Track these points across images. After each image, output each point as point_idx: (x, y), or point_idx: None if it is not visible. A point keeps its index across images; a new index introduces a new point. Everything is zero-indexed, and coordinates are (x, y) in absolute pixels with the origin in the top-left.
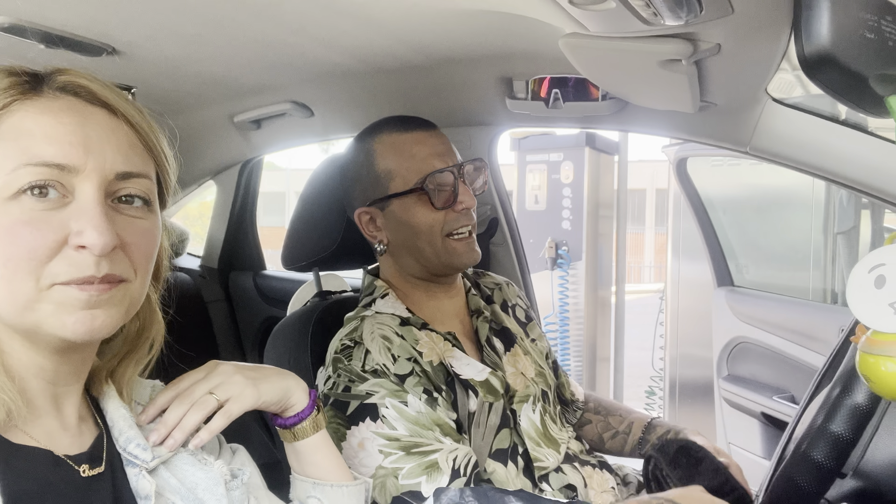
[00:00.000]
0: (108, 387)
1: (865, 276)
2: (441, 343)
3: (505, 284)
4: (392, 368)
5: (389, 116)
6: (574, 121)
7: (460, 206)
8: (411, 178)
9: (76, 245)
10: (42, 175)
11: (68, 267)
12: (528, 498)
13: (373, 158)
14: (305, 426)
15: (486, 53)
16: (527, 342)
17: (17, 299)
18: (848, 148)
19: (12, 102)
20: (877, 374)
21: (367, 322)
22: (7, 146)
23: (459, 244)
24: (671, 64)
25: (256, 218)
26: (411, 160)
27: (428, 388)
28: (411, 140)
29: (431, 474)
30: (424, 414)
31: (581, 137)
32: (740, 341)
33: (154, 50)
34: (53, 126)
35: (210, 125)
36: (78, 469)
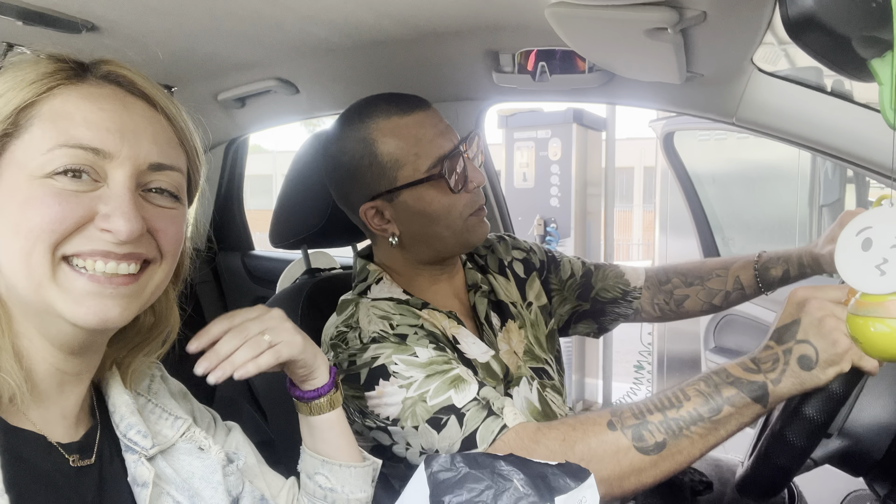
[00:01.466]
0: (113, 373)
1: (853, 239)
2: (445, 320)
3: (496, 242)
4: (391, 331)
5: (376, 97)
6: (561, 94)
7: (472, 185)
8: (422, 165)
9: (101, 227)
10: (77, 158)
11: (84, 241)
12: (518, 462)
13: (373, 148)
14: (322, 402)
15: (472, 26)
16: (522, 309)
17: (33, 273)
18: (833, 118)
19: (56, 86)
20: (865, 334)
21: (363, 306)
22: (46, 127)
23: (478, 221)
24: (657, 33)
25: (243, 198)
26: (418, 145)
27: (433, 340)
28: (413, 123)
29: (458, 385)
30: (436, 356)
31: (568, 114)
32: (727, 314)
33: (134, 27)
34: (93, 111)
35: (193, 104)
36: (68, 458)
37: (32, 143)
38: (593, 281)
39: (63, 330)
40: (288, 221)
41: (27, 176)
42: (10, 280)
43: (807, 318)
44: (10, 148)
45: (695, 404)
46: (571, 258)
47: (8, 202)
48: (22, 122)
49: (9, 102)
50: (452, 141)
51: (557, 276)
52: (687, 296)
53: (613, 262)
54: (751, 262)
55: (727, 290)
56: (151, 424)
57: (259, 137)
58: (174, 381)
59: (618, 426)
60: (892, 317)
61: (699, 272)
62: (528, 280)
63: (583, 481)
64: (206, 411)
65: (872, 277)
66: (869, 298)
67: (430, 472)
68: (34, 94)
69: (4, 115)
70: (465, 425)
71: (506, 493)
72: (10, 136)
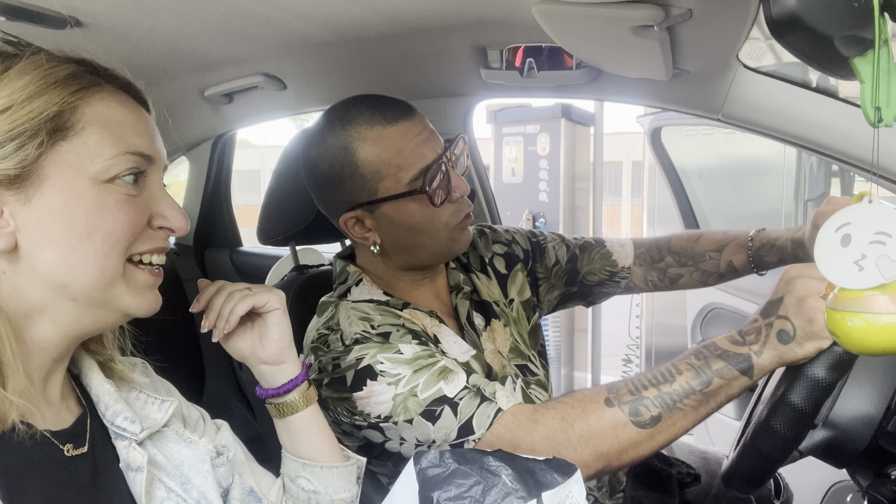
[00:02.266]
0: (90, 363)
1: (832, 235)
2: (426, 319)
3: (478, 238)
4: (373, 331)
5: (358, 100)
6: (549, 90)
7: (456, 195)
8: (403, 178)
9: (158, 226)
10: (137, 164)
11: (149, 242)
12: (506, 457)
13: (354, 157)
14: (296, 399)
15: (459, 22)
16: (505, 307)
17: (108, 273)
18: (818, 114)
19: (87, 89)
20: (843, 329)
21: (343, 308)
22: (101, 132)
23: (462, 231)
24: (643, 30)
25: (231, 194)
26: (400, 157)
27: (416, 337)
28: (396, 133)
29: (447, 376)
30: (420, 352)
31: (557, 109)
32: (713, 307)
33: (119, 22)
34: (134, 120)
35: (180, 100)
36: (62, 448)
37: (88, 147)
38: (579, 266)
39: (101, 320)
40: (276, 218)
41: (90, 180)
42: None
43: (790, 297)
44: (58, 149)
45: (687, 378)
46: (556, 242)
47: (70, 204)
48: (67, 123)
49: (49, 103)
50: (436, 150)
51: (543, 263)
52: (681, 275)
53: (601, 238)
54: (744, 244)
55: (720, 272)
56: (138, 410)
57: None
58: (160, 379)
59: (615, 402)
60: (869, 311)
61: (692, 253)
62: (509, 276)
63: (570, 476)
64: (195, 409)
65: (851, 273)
66: (847, 293)
67: (420, 468)
68: (73, 97)
69: (49, 115)
70: (460, 414)
71: (494, 488)
72: (56, 136)
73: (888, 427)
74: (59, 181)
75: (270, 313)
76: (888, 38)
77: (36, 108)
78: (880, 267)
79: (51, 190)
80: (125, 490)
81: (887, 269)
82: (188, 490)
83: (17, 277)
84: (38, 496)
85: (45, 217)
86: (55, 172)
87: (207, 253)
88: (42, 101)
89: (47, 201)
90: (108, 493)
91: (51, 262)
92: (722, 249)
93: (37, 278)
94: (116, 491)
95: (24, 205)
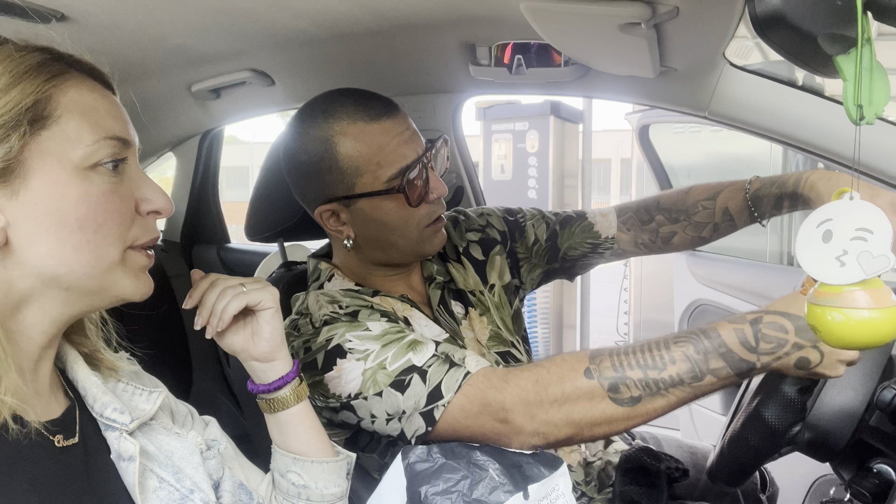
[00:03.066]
0: (75, 356)
1: (813, 230)
2: (398, 304)
3: (451, 227)
4: (342, 311)
5: (342, 94)
6: (537, 87)
7: (433, 197)
8: (382, 176)
9: (147, 211)
10: (116, 149)
11: (144, 231)
12: (494, 452)
13: (333, 151)
14: (287, 395)
15: (448, 18)
16: (485, 294)
17: (103, 262)
18: (804, 112)
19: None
20: (823, 323)
21: (312, 295)
22: (79, 118)
23: (434, 231)
24: (631, 28)
25: (219, 190)
26: (380, 154)
27: (384, 315)
28: (378, 130)
29: (416, 347)
30: (389, 328)
31: (546, 106)
32: (700, 303)
33: (104, 16)
34: (107, 104)
35: (167, 95)
36: (52, 439)
37: (68, 135)
38: (559, 242)
39: (92, 305)
40: (264, 214)
41: (72, 168)
42: (66, 269)
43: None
44: (38, 139)
45: (679, 369)
46: (536, 219)
47: (56, 197)
48: (45, 112)
49: (24, 93)
50: (416, 151)
51: (523, 243)
52: (674, 232)
53: (582, 211)
54: (741, 187)
55: (715, 221)
56: (126, 401)
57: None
58: (147, 374)
59: (595, 375)
60: (849, 307)
61: (684, 205)
62: (487, 261)
63: (556, 469)
64: (182, 405)
65: (832, 268)
66: (827, 288)
67: (407, 462)
68: (46, 85)
69: (26, 105)
70: (429, 380)
71: (481, 482)
72: (36, 125)
73: (870, 421)
74: (43, 172)
75: (263, 311)
76: (870, 36)
77: (13, 99)
78: (861, 263)
79: (36, 182)
80: (118, 480)
81: (868, 265)
82: (180, 480)
83: (5, 271)
84: (28, 487)
85: (34, 210)
86: (38, 163)
87: (195, 249)
88: (17, 91)
89: (33, 194)
90: (101, 484)
91: (43, 254)
92: (716, 197)
93: (27, 270)
94: (109, 481)
95: (11, 199)
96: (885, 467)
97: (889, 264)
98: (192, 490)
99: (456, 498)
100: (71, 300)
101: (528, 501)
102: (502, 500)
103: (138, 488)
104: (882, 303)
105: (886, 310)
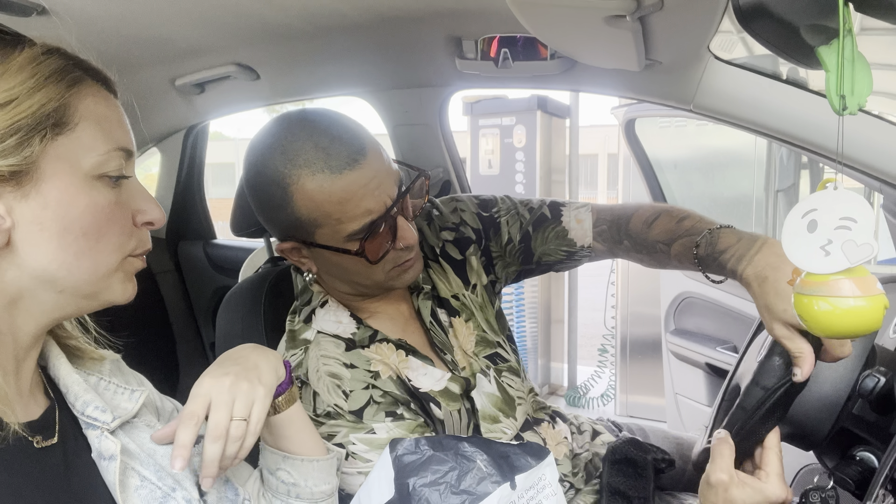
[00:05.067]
0: (57, 353)
1: (799, 221)
2: (394, 355)
3: (425, 225)
4: (346, 406)
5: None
6: (524, 80)
7: (400, 246)
8: (342, 231)
9: (142, 222)
10: (123, 160)
11: (140, 242)
12: (481, 442)
13: (291, 200)
14: (281, 401)
15: (434, 12)
16: (468, 296)
17: (101, 270)
18: (788, 105)
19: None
20: (809, 313)
21: (311, 356)
22: (94, 127)
23: (402, 272)
24: (616, 20)
25: (204, 186)
26: (341, 210)
27: (390, 410)
28: (341, 185)
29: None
30: (395, 430)
31: (533, 101)
32: (686, 297)
33: (86, 9)
34: (118, 115)
35: (150, 89)
36: (32, 440)
37: (83, 143)
38: (533, 246)
39: (81, 308)
40: (249, 210)
41: (82, 176)
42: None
43: None
44: (55, 145)
45: None
46: (511, 215)
47: (64, 203)
48: (65, 118)
49: (47, 97)
50: (385, 201)
51: (497, 241)
52: (640, 258)
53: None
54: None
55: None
56: (108, 399)
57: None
58: (132, 371)
59: None
60: (835, 295)
61: (645, 241)
62: (465, 260)
63: (542, 459)
64: (168, 401)
65: (817, 258)
66: (813, 278)
67: (395, 455)
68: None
69: (48, 109)
70: None
71: (469, 473)
72: (55, 131)
73: (853, 409)
74: (55, 178)
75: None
76: (852, 27)
77: (36, 102)
78: (846, 251)
79: (47, 186)
80: (98, 480)
81: (853, 254)
82: (162, 478)
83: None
84: (5, 489)
85: (41, 214)
86: (52, 169)
87: (181, 246)
88: (41, 95)
89: (43, 198)
90: (81, 484)
91: (43, 258)
92: (671, 244)
93: (24, 271)
94: (89, 481)
95: (21, 201)
96: (867, 455)
97: (873, 252)
98: (173, 488)
99: (444, 489)
100: (62, 303)
101: (515, 491)
102: (490, 491)
103: (119, 487)
104: (867, 291)
105: (872, 298)
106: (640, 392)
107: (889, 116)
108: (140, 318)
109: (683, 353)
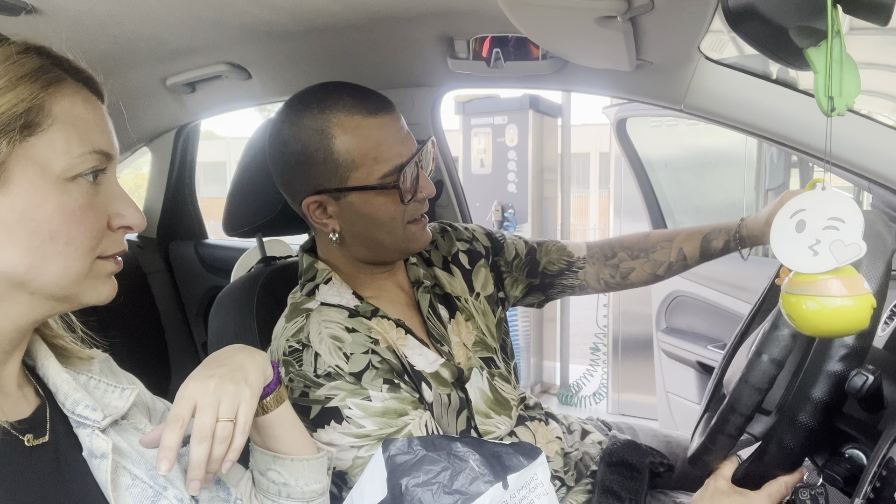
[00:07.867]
0: (45, 353)
1: (787, 221)
2: (393, 331)
3: (440, 237)
4: (346, 368)
5: (338, 87)
6: (515, 80)
7: (422, 195)
8: (377, 171)
9: (119, 226)
10: (99, 162)
11: (112, 244)
12: (474, 442)
13: (329, 142)
14: (268, 401)
15: (426, 12)
16: (471, 301)
17: (70, 273)
18: (778, 105)
19: (54, 84)
20: (798, 312)
21: (314, 320)
22: (68, 129)
23: (419, 229)
24: (607, 21)
25: (195, 185)
26: (377, 150)
27: (388, 377)
28: (377, 125)
29: None
30: (390, 401)
31: (525, 100)
32: (677, 295)
33: (76, 8)
34: (97, 117)
35: (141, 89)
36: (22, 438)
37: (55, 145)
38: (538, 257)
39: (56, 309)
40: (242, 209)
41: (53, 178)
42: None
43: None
44: (25, 146)
45: None
46: (514, 238)
47: (33, 206)
48: (36, 119)
49: (18, 97)
50: (411, 149)
51: (503, 258)
52: (633, 268)
53: (552, 239)
54: (697, 234)
55: (671, 260)
56: (98, 398)
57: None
58: (123, 371)
59: None
60: (823, 295)
61: (644, 245)
62: (473, 270)
63: (534, 459)
64: (160, 401)
65: (806, 258)
66: (802, 277)
67: (388, 455)
68: (41, 91)
69: (19, 111)
70: None
71: (462, 473)
72: (25, 133)
73: (842, 408)
74: (24, 180)
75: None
76: (840, 29)
77: (7, 103)
78: (834, 251)
79: (15, 189)
80: (90, 479)
81: (840, 254)
82: (154, 477)
83: None
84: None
85: (7, 217)
86: (21, 170)
87: (172, 245)
88: (13, 95)
89: (10, 200)
90: (73, 482)
91: (9, 260)
92: (672, 239)
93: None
94: (81, 480)
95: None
96: (856, 452)
97: (861, 252)
98: (165, 487)
99: (436, 489)
100: (35, 305)
101: (507, 491)
102: (482, 491)
103: (111, 486)
104: (855, 290)
105: (859, 297)
106: (632, 390)
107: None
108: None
109: (675, 351)
